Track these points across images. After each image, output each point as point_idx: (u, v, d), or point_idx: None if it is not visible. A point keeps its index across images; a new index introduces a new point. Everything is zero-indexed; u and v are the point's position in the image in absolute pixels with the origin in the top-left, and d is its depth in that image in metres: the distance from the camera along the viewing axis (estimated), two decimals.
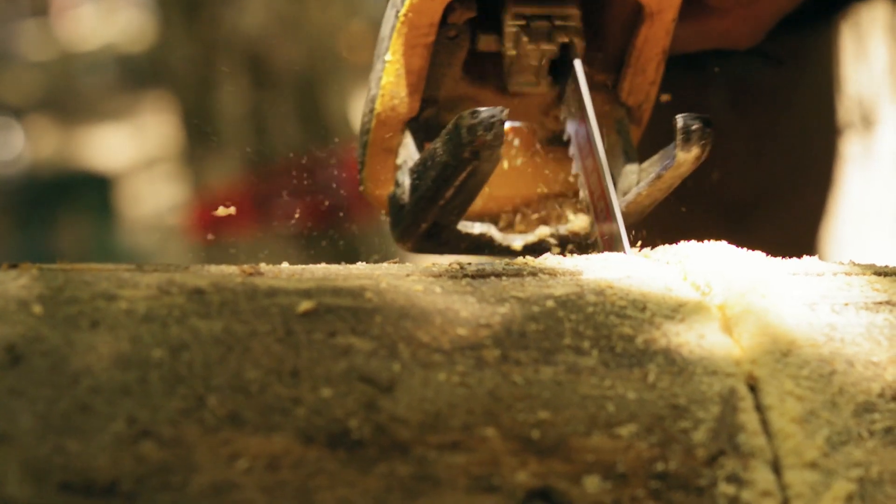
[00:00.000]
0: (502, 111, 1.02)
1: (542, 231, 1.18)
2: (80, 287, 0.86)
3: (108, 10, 10.92)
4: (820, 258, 1.01)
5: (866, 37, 1.72)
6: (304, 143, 4.17)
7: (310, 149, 4.13)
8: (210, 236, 4.27)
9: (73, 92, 9.73)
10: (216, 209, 4.13)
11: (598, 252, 1.12)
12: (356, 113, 4.61)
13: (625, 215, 1.09)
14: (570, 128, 1.15)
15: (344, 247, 4.18)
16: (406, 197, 1.13)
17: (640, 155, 1.16)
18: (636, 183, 1.13)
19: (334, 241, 4.17)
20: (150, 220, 7.72)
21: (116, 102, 9.30)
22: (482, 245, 1.18)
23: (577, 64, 1.12)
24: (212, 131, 4.20)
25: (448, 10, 1.12)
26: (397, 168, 1.17)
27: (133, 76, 9.38)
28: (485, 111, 1.02)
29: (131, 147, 8.65)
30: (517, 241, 1.18)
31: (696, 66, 1.25)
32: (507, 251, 1.19)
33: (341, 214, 4.17)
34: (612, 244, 1.09)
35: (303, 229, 4.10)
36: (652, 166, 1.11)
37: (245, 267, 0.93)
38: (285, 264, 0.98)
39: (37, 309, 0.84)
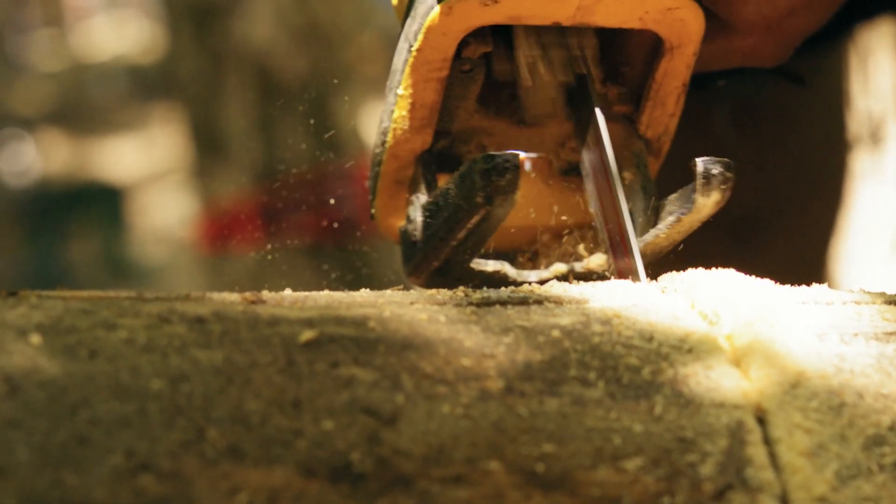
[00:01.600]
0: (516, 156, 0.99)
1: (558, 268, 1.16)
2: (79, 316, 0.85)
3: (119, 22, 10.93)
4: (827, 274, 1.00)
5: (872, 56, 1.72)
6: (313, 156, 4.16)
7: (319, 161, 4.12)
8: (219, 249, 4.27)
9: (84, 103, 9.74)
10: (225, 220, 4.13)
11: None
12: (366, 125, 4.61)
13: (642, 255, 1.07)
14: (587, 162, 1.14)
15: (353, 260, 4.17)
16: (418, 234, 1.11)
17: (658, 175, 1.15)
18: (653, 219, 1.11)
19: (343, 253, 4.16)
20: (159, 232, 7.72)
21: (127, 114, 9.30)
22: (496, 282, 1.16)
23: (600, 115, 1.10)
24: (221, 143, 4.19)
25: (463, 45, 1.10)
26: (410, 202, 1.15)
27: (143, 87, 9.39)
28: (499, 156, 0.99)
29: (141, 158, 8.65)
30: (532, 277, 1.16)
31: (701, 85, 1.24)
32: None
33: (350, 227, 4.16)
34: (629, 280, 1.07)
35: (312, 242, 4.09)
36: (671, 205, 1.09)
37: (247, 294, 0.92)
38: (288, 290, 0.96)
39: (35, 339, 0.82)
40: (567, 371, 0.86)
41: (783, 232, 1.73)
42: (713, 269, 1.01)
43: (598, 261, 1.14)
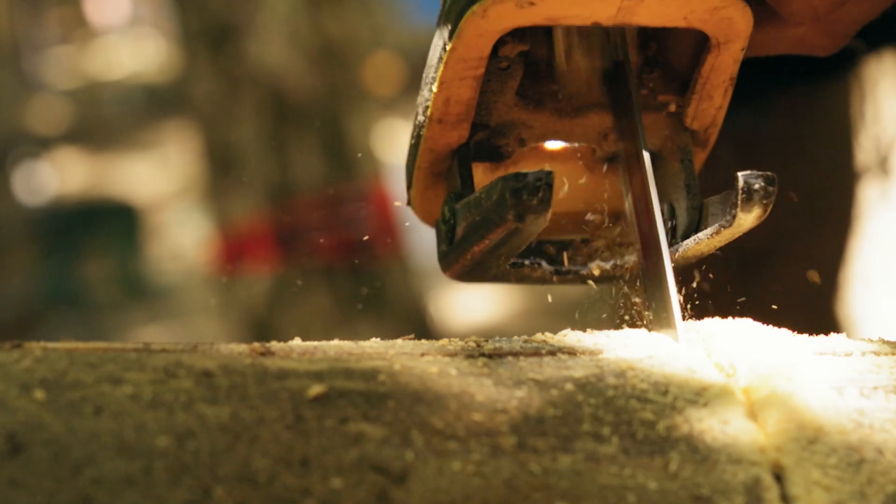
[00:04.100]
0: (549, 175, 0.97)
1: (596, 264, 1.14)
2: (84, 370, 0.84)
3: (135, 40, 10.95)
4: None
5: (879, 85, 1.71)
6: (328, 177, 4.16)
7: (334, 182, 4.12)
8: (233, 269, 4.26)
9: (100, 121, 9.75)
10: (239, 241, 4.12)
11: (646, 304, 1.08)
12: (381, 146, 4.59)
13: (683, 259, 1.06)
14: (622, 156, 1.12)
15: (367, 281, 4.16)
16: (452, 234, 1.09)
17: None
18: (696, 218, 1.09)
19: (357, 275, 4.15)
20: (174, 251, 7.72)
21: (142, 133, 9.31)
22: (534, 279, 1.14)
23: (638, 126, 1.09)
24: (236, 163, 4.19)
25: (499, 42, 1.08)
26: (446, 197, 1.13)
27: (159, 106, 9.40)
28: (531, 175, 0.97)
29: (157, 177, 8.66)
30: (569, 275, 1.14)
31: None
32: (559, 282, 1.15)
33: (365, 249, 4.15)
34: (659, 307, 1.05)
35: (326, 263, 4.08)
36: (714, 207, 1.07)
37: (255, 345, 0.91)
38: (297, 340, 0.95)
39: (39, 394, 0.81)
40: (580, 426, 0.85)
41: (791, 263, 1.71)
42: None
43: (636, 257, 1.12)
